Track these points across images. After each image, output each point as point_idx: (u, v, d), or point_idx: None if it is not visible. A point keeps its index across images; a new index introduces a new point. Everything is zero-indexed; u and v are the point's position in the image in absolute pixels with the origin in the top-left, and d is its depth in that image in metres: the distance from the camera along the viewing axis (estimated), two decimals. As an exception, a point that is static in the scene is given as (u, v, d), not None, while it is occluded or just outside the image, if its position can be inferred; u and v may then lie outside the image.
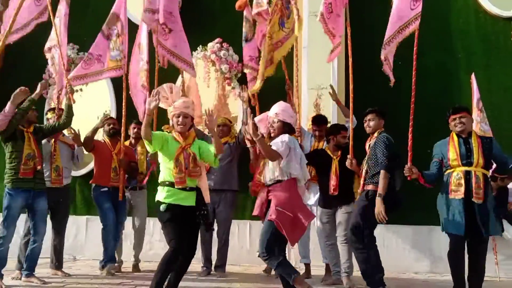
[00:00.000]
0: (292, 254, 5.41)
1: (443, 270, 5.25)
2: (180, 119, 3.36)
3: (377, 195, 3.71)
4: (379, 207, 3.67)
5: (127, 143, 5.16)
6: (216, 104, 6.18)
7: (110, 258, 4.64)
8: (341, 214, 4.33)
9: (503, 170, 3.83)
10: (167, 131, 5.00)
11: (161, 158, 3.38)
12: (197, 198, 3.34)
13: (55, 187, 4.51)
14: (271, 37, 4.68)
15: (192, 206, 3.30)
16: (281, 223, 3.14)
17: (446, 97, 5.71)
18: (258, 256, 3.24)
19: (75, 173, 5.95)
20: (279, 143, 3.28)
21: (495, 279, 4.87)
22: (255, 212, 3.36)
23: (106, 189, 4.72)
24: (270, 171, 3.33)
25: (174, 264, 3.22)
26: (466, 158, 3.55)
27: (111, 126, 4.91)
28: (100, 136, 5.07)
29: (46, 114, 4.91)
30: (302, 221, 3.23)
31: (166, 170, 3.31)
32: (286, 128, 3.38)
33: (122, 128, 4.85)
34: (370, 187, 3.87)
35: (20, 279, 4.18)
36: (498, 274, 4.91)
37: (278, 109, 3.41)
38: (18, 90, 3.96)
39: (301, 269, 4.93)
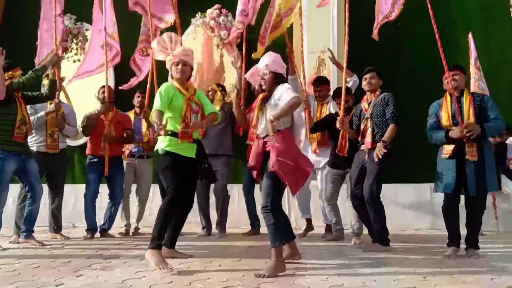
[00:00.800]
0: (292, 213, 5.44)
1: (443, 227, 5.26)
2: (180, 66, 3.31)
3: (382, 141, 3.72)
4: (380, 148, 3.68)
5: (131, 112, 5.10)
6: (214, 72, 6.17)
7: (90, 226, 4.66)
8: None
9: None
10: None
11: None
12: (197, 151, 3.31)
13: (51, 152, 4.46)
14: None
15: (192, 158, 3.27)
16: (283, 173, 3.01)
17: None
18: (261, 207, 3.12)
19: (74, 142, 5.90)
20: (288, 91, 3.09)
21: (495, 232, 4.90)
22: (251, 163, 3.19)
23: (96, 159, 4.70)
24: (266, 122, 3.11)
25: (173, 211, 3.16)
26: (457, 117, 3.53)
27: (106, 95, 4.83)
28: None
29: (42, 80, 4.77)
30: (305, 169, 3.12)
31: (169, 120, 3.22)
32: (278, 78, 3.21)
33: (106, 94, 4.80)
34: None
35: (18, 242, 4.14)
36: (498, 228, 4.94)
37: (268, 60, 3.24)
38: None
39: (301, 229, 4.97)
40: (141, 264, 3.16)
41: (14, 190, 4.41)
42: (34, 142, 4.45)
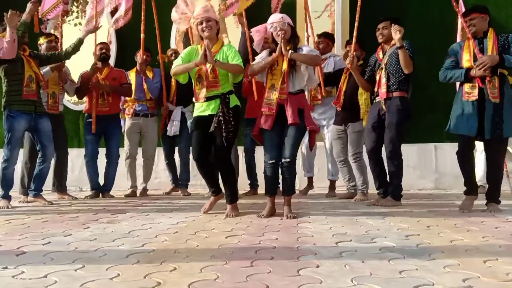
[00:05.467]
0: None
1: (447, 186, 5.31)
2: (204, 24, 3.28)
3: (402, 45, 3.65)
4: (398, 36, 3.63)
5: (132, 71, 5.03)
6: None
7: (92, 187, 4.72)
8: (351, 133, 4.35)
9: None
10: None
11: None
12: (221, 105, 3.24)
13: (52, 113, 4.45)
14: None
15: (213, 115, 3.26)
16: (314, 132, 3.30)
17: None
18: (286, 160, 3.15)
19: (79, 107, 5.88)
20: (314, 51, 3.29)
21: (508, 192, 4.84)
22: (294, 120, 3.14)
23: (91, 119, 4.68)
24: (300, 79, 3.25)
25: (202, 167, 3.38)
26: (478, 58, 3.36)
27: (103, 51, 4.82)
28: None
29: (39, 39, 4.69)
30: (317, 129, 3.47)
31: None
32: (294, 31, 3.30)
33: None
34: (397, 93, 3.77)
35: (27, 202, 4.21)
36: (511, 186, 4.86)
37: (280, 15, 3.30)
38: (9, 13, 3.72)
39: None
40: (147, 218, 3.21)
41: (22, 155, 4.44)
42: None
